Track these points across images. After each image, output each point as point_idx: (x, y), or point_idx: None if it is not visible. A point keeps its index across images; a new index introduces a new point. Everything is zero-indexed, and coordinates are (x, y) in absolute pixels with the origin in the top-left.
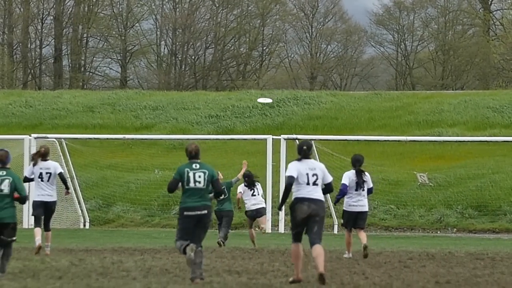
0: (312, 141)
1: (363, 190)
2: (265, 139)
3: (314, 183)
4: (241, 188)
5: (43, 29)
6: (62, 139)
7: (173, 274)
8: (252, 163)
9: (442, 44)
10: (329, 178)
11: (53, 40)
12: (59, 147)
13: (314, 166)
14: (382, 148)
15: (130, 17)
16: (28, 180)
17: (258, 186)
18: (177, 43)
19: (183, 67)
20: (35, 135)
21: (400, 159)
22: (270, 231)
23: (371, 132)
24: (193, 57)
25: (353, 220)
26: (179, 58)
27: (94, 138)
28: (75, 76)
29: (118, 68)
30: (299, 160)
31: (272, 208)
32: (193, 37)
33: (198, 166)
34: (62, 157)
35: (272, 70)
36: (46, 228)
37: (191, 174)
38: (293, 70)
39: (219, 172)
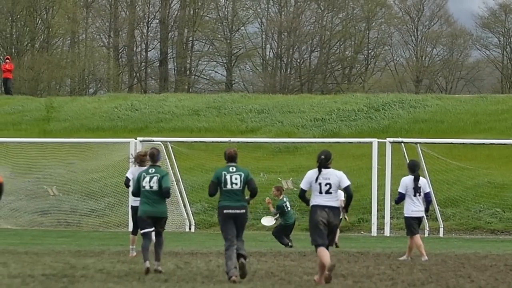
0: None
1: (420, 195)
2: (371, 143)
3: (327, 192)
4: None
5: (149, 33)
6: (168, 143)
7: (278, 277)
8: (357, 166)
9: None
10: (346, 183)
11: (159, 43)
12: (164, 150)
13: (329, 176)
14: (487, 151)
15: (236, 21)
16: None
17: None
18: (283, 46)
19: (288, 70)
20: (141, 139)
21: (506, 162)
22: (375, 234)
23: (477, 135)
24: (298, 60)
25: (415, 226)
26: (285, 61)
27: (200, 141)
28: (181, 80)
29: (224, 71)
30: (317, 169)
31: (377, 211)
32: (299, 40)
33: (234, 169)
34: (167, 160)
35: (377, 74)
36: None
37: (228, 177)
38: (398, 73)
39: (267, 198)
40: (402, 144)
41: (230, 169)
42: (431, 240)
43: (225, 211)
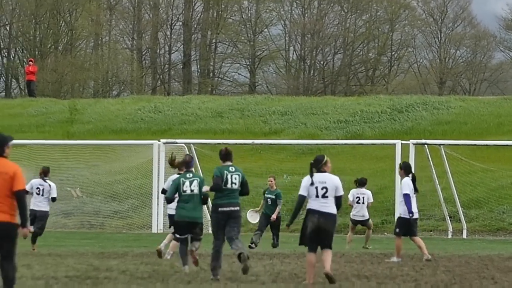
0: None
1: (416, 195)
2: (394, 144)
3: (324, 196)
4: (351, 195)
5: (172, 35)
6: (191, 144)
7: (302, 279)
8: (380, 168)
9: None
10: (339, 192)
11: (182, 45)
12: (188, 152)
13: (325, 180)
14: (511, 153)
15: (259, 23)
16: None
17: (366, 192)
18: (306, 49)
19: (311, 72)
20: (164, 140)
21: None
22: None
23: (500, 137)
24: (321, 62)
25: (408, 227)
26: (308, 63)
27: (223, 143)
28: (204, 82)
29: (247, 73)
30: (311, 173)
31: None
32: (322, 42)
33: (233, 169)
34: None
35: (401, 75)
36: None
37: (229, 176)
38: (422, 75)
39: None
40: (426, 145)
41: (230, 168)
42: (455, 241)
43: (220, 209)
